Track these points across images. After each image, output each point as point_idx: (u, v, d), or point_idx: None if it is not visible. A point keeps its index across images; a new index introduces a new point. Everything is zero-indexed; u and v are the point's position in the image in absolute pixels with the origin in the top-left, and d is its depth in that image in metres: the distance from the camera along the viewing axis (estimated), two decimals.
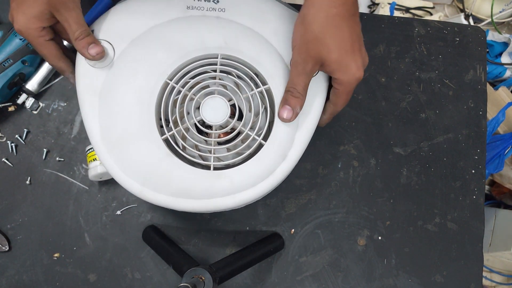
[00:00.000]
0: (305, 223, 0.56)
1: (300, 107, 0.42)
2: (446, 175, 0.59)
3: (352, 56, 0.40)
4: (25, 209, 0.55)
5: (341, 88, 0.42)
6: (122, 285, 0.53)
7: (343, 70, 0.40)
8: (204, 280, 0.42)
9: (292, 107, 0.42)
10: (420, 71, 0.62)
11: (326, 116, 0.46)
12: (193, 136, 0.44)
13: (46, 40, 0.41)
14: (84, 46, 0.41)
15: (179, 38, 0.44)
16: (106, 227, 0.55)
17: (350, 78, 0.40)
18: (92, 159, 0.53)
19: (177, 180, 0.42)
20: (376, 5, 1.58)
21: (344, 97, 0.43)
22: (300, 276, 0.55)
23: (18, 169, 0.56)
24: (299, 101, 0.42)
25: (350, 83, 0.41)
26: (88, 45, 0.41)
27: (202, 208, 0.42)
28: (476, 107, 0.61)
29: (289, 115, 0.42)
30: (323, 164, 0.58)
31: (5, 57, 0.54)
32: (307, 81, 0.41)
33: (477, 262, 0.56)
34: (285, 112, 0.42)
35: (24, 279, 0.53)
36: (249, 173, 0.42)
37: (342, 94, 0.42)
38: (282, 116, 0.42)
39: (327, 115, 0.46)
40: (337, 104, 0.44)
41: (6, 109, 0.57)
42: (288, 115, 0.42)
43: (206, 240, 0.55)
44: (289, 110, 0.42)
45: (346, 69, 0.40)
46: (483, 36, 0.65)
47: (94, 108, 0.42)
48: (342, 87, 0.42)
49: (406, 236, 0.56)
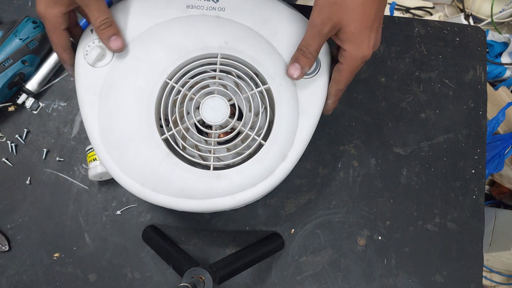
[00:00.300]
0: (305, 223, 0.56)
1: (308, 68, 0.42)
2: (446, 175, 0.59)
3: (369, 33, 0.39)
4: (25, 209, 0.55)
5: (346, 63, 0.42)
6: (122, 285, 0.53)
7: (356, 44, 0.40)
8: (204, 280, 0.42)
9: (301, 66, 0.42)
10: (420, 71, 0.62)
11: (331, 99, 0.46)
12: (193, 136, 0.44)
13: (62, 28, 0.41)
14: (105, 37, 0.41)
15: (178, 37, 0.44)
16: (106, 227, 0.55)
17: (358, 54, 0.40)
18: (92, 159, 0.53)
19: (177, 180, 0.42)
20: None
21: (347, 75, 0.42)
22: (300, 276, 0.55)
23: (18, 169, 0.56)
24: (309, 61, 0.42)
25: (357, 59, 0.41)
26: (110, 36, 0.41)
27: (202, 208, 0.42)
28: (476, 107, 0.61)
29: (297, 74, 0.42)
30: (323, 164, 0.58)
31: (5, 57, 0.54)
32: (321, 43, 0.41)
33: (477, 262, 0.56)
34: (294, 70, 0.42)
35: (24, 279, 0.53)
36: (249, 173, 0.42)
37: (345, 72, 0.42)
38: (292, 74, 0.42)
39: (331, 97, 0.45)
40: (339, 82, 0.44)
41: (6, 109, 0.57)
42: (297, 73, 0.42)
43: (206, 240, 0.55)
44: (298, 69, 0.42)
45: (359, 43, 0.40)
46: (483, 36, 0.65)
47: (94, 108, 0.42)
48: (347, 63, 0.41)
49: (406, 236, 0.56)
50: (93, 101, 0.43)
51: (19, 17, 0.56)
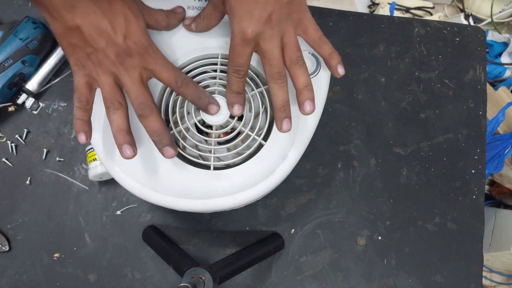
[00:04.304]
0: (305, 223, 0.56)
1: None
2: (446, 175, 0.59)
3: (252, 6, 0.39)
4: (25, 209, 0.55)
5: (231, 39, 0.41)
6: (122, 285, 0.53)
7: (236, 19, 0.39)
8: (204, 280, 0.42)
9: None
10: (420, 71, 0.62)
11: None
12: (193, 136, 0.44)
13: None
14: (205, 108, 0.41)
15: (179, 37, 0.44)
16: (106, 227, 0.55)
17: (235, 29, 0.40)
18: (92, 159, 0.53)
19: (177, 180, 0.42)
20: (376, 5, 1.58)
21: (230, 52, 0.40)
22: (300, 276, 0.55)
23: (18, 169, 0.56)
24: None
25: (234, 34, 0.40)
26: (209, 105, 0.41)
27: (202, 208, 0.42)
28: (476, 107, 0.61)
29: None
30: (323, 164, 0.58)
31: (5, 57, 0.54)
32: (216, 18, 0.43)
33: (477, 262, 0.56)
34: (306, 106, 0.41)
35: (24, 279, 0.53)
36: (249, 173, 0.42)
37: (230, 48, 0.41)
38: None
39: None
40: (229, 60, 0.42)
41: (6, 109, 0.57)
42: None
43: (206, 240, 0.55)
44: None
45: (239, 19, 0.39)
46: (483, 36, 0.65)
47: (94, 108, 0.42)
48: (231, 39, 0.41)
49: (406, 236, 0.56)
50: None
51: (19, 17, 0.56)
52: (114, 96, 0.38)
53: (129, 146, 0.38)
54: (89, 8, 0.35)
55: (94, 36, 0.36)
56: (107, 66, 0.37)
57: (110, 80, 0.38)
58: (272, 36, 0.39)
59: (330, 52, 0.41)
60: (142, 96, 0.38)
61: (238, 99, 0.41)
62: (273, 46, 0.39)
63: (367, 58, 0.62)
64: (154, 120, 0.38)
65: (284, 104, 0.40)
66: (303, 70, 0.40)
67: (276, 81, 0.40)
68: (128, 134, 0.39)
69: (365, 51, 0.62)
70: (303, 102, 0.40)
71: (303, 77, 0.40)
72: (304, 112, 0.40)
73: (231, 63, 0.40)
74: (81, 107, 0.39)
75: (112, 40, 0.36)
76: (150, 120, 0.38)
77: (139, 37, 0.37)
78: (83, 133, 0.39)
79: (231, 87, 0.41)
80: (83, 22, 0.35)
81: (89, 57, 0.37)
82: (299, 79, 0.40)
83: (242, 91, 0.41)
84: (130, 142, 0.38)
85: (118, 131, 0.38)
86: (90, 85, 0.39)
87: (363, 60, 0.62)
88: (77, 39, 0.36)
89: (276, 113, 0.40)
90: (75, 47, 0.37)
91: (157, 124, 0.38)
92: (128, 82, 0.37)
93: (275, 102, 0.40)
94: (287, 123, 0.40)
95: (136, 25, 0.37)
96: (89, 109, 0.40)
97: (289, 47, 0.40)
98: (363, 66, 0.62)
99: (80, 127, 0.39)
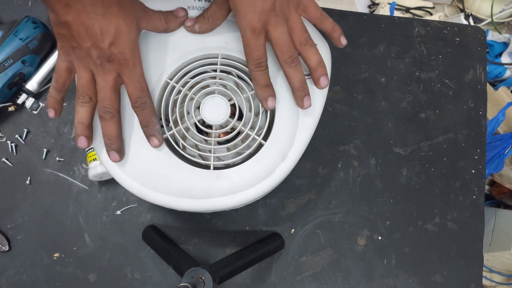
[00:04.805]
0: (305, 223, 0.56)
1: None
2: (446, 175, 0.59)
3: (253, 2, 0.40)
4: (25, 209, 0.55)
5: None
6: (122, 285, 0.53)
7: (239, 15, 0.41)
8: (204, 280, 0.42)
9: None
10: (420, 71, 0.62)
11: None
12: (193, 136, 0.44)
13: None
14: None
15: (179, 37, 0.44)
16: (106, 227, 0.55)
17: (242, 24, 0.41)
18: (92, 159, 0.53)
19: (177, 179, 0.42)
20: (376, 5, 1.58)
21: (245, 49, 0.42)
22: (300, 276, 0.55)
23: (18, 169, 0.56)
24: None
25: (243, 30, 0.41)
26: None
27: (202, 208, 0.42)
28: (476, 107, 0.61)
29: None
30: (323, 164, 0.58)
31: (5, 57, 0.54)
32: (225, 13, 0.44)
33: (477, 262, 0.56)
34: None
35: (24, 279, 0.53)
36: (249, 173, 0.42)
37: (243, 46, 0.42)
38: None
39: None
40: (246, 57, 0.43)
41: (6, 109, 0.57)
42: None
43: (206, 240, 0.55)
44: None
45: (241, 15, 0.41)
46: (483, 36, 0.65)
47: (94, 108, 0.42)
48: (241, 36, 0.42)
49: (406, 236, 0.56)
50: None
51: (19, 17, 0.56)
52: (86, 90, 0.40)
53: (84, 138, 0.41)
54: (83, 9, 0.36)
55: (82, 34, 0.37)
56: (87, 63, 0.39)
57: (87, 75, 0.40)
58: (278, 23, 0.40)
59: (332, 26, 0.44)
60: (108, 100, 0.40)
61: (269, 92, 0.42)
62: (281, 32, 0.41)
63: (367, 58, 0.62)
64: (111, 125, 0.40)
65: (302, 84, 0.42)
66: (314, 50, 0.42)
67: (290, 65, 0.42)
68: (88, 129, 0.41)
69: (365, 51, 0.62)
70: (318, 78, 0.43)
71: (315, 56, 0.42)
72: (320, 86, 0.43)
73: (250, 59, 0.41)
74: (57, 87, 0.41)
75: (97, 44, 0.37)
76: (107, 124, 0.40)
77: (124, 48, 0.38)
78: (52, 109, 0.41)
79: (259, 82, 0.42)
80: (74, 21, 0.36)
81: (73, 50, 0.39)
82: (311, 59, 0.42)
83: (270, 83, 0.43)
84: (87, 135, 0.41)
85: (79, 123, 0.40)
86: (69, 70, 0.40)
87: (363, 60, 0.62)
88: (66, 32, 0.38)
89: (296, 93, 0.43)
90: (63, 37, 0.38)
91: (112, 129, 0.40)
92: (102, 83, 0.39)
93: (293, 84, 0.42)
94: (307, 100, 0.43)
95: (125, 36, 0.38)
96: (64, 91, 0.42)
97: (296, 30, 0.42)
98: (363, 66, 0.62)
99: (52, 104, 0.41)
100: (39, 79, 0.57)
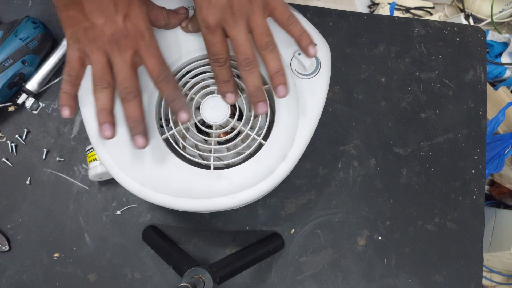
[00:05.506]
0: (305, 223, 0.56)
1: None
2: (446, 175, 0.59)
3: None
4: (25, 209, 0.55)
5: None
6: (122, 285, 0.53)
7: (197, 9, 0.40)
8: (204, 280, 0.42)
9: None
10: (420, 71, 0.62)
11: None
12: (193, 136, 0.44)
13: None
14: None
15: (179, 37, 0.44)
16: (106, 227, 0.55)
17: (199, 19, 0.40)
18: (92, 159, 0.53)
19: (177, 179, 0.42)
20: (376, 5, 1.58)
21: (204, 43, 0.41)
22: (300, 276, 0.55)
23: (18, 169, 0.56)
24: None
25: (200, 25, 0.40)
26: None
27: (202, 207, 0.42)
28: (476, 107, 0.61)
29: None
30: (323, 164, 0.58)
31: (5, 57, 0.54)
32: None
33: (477, 262, 0.56)
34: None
35: (24, 279, 0.53)
36: (249, 173, 0.42)
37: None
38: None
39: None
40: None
41: (6, 109, 0.57)
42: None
43: (206, 240, 0.55)
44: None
45: (198, 9, 0.40)
46: (483, 36, 0.65)
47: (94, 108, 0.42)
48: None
49: (406, 236, 0.56)
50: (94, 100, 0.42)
51: (19, 17, 0.56)
52: (103, 75, 0.38)
53: (109, 125, 0.38)
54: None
55: (94, 11, 0.36)
56: (101, 44, 0.37)
57: (102, 58, 0.37)
58: (235, 22, 0.38)
59: (300, 33, 0.41)
60: (129, 80, 0.37)
61: (227, 87, 0.41)
62: (237, 33, 0.39)
63: (367, 58, 0.62)
64: (134, 106, 0.38)
65: (255, 90, 0.40)
66: (274, 55, 0.40)
67: (244, 68, 0.40)
68: (111, 114, 0.38)
69: (365, 51, 0.62)
70: (275, 87, 0.41)
71: (274, 63, 0.40)
72: (278, 96, 0.41)
73: (209, 54, 0.40)
74: (70, 81, 0.38)
75: (112, 18, 0.36)
76: (130, 106, 0.38)
77: (138, 20, 0.37)
78: (67, 107, 0.38)
79: (217, 78, 0.41)
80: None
81: (85, 32, 0.36)
82: (270, 65, 0.40)
83: (228, 79, 0.41)
84: (111, 122, 0.38)
85: (101, 109, 0.38)
86: (82, 60, 0.38)
87: (363, 60, 0.62)
88: (77, 12, 0.36)
89: (249, 98, 0.41)
90: (73, 20, 0.36)
91: (136, 110, 0.38)
92: (119, 63, 0.37)
93: (246, 88, 0.41)
94: (261, 106, 0.41)
95: (138, 8, 0.37)
96: (77, 84, 0.39)
97: (257, 32, 0.39)
98: (363, 66, 0.62)
99: (66, 101, 0.38)
100: (39, 79, 0.57)
